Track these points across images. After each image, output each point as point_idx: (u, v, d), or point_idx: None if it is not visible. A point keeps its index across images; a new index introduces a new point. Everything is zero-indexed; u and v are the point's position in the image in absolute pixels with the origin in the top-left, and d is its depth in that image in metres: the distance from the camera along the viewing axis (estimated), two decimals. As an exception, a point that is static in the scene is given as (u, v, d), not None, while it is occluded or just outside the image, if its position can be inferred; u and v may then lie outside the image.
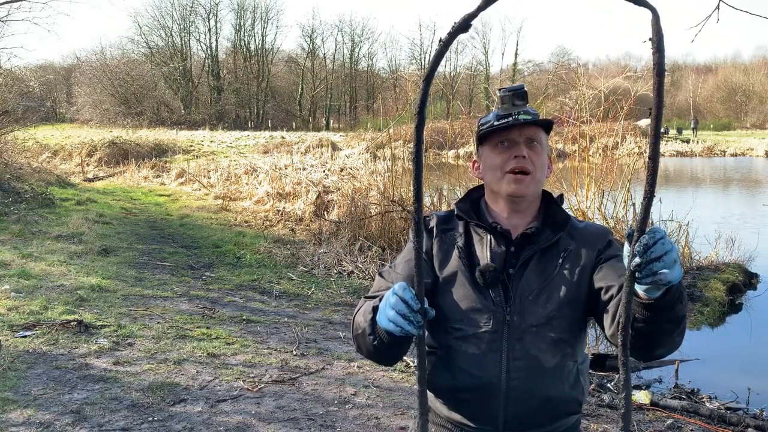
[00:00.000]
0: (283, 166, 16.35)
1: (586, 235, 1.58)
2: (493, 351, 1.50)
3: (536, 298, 1.52)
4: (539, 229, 1.58)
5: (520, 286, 1.53)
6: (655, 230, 1.15)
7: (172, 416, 3.69)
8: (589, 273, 1.52)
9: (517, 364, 1.50)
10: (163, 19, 50.73)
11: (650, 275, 1.13)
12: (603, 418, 4.09)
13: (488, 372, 1.50)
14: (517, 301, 1.52)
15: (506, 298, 1.52)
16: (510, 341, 1.50)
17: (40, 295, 6.00)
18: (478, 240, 1.60)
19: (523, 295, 1.52)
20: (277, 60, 57.22)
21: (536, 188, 1.59)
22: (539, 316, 1.51)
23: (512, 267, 1.54)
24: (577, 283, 1.52)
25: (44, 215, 10.66)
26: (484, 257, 1.56)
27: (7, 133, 14.94)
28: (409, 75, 46.25)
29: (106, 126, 34.44)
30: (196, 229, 10.72)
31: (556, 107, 12.77)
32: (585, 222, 1.66)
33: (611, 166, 8.60)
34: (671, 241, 1.18)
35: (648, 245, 1.12)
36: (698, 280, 7.53)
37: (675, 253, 1.15)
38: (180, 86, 49.19)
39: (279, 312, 6.13)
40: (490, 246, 1.57)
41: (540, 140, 1.58)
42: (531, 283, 1.53)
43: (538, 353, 1.50)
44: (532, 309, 1.51)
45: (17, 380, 4.08)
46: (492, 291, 1.52)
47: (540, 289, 1.52)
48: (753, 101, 58.11)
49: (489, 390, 1.51)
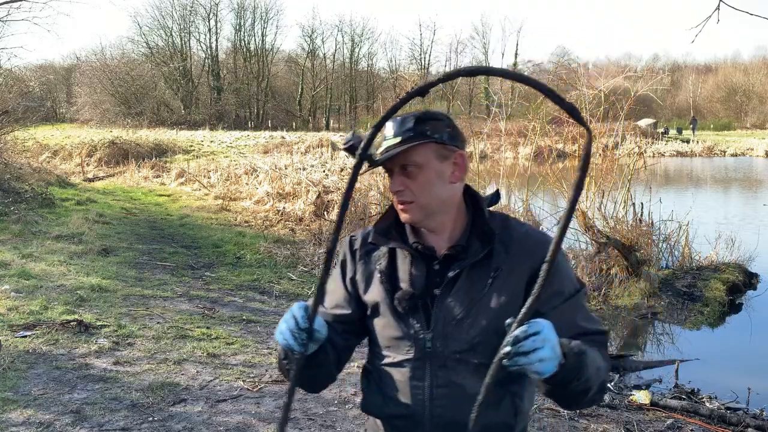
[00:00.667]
0: (283, 166, 16.36)
1: (522, 249, 1.44)
2: (416, 379, 1.45)
3: (460, 323, 1.42)
4: (465, 246, 1.45)
5: (443, 310, 1.43)
6: (532, 325, 1.16)
7: (172, 416, 3.69)
8: (521, 295, 1.39)
9: (440, 391, 1.44)
10: (163, 19, 50.69)
11: (516, 366, 1.16)
12: (603, 418, 4.09)
13: (412, 400, 1.46)
14: (439, 327, 1.43)
15: (428, 324, 1.43)
16: (432, 369, 1.44)
17: (40, 295, 5.99)
18: (402, 260, 1.49)
19: (447, 320, 1.42)
20: (277, 60, 57.17)
21: (425, 211, 1.43)
22: (462, 342, 1.42)
23: (437, 287, 1.44)
24: (505, 307, 1.39)
25: (44, 215, 10.65)
26: (405, 280, 1.47)
27: (7, 133, 14.93)
28: (409, 75, 46.25)
29: (106, 126, 34.37)
30: (196, 229, 10.72)
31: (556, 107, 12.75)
32: (526, 227, 1.51)
33: (611, 166, 8.60)
34: (550, 337, 1.18)
35: (519, 339, 1.15)
36: (698, 280, 7.54)
37: (547, 351, 1.16)
38: (180, 86, 49.14)
39: (279, 312, 6.13)
40: (410, 268, 1.47)
41: (415, 162, 1.41)
42: (455, 306, 1.42)
43: (461, 380, 1.42)
44: (455, 335, 1.42)
45: (17, 380, 4.08)
46: (412, 318, 1.45)
47: (465, 312, 1.42)
48: (753, 101, 58.07)
49: (413, 418, 1.46)
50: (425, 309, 1.45)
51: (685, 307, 6.97)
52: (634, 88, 9.44)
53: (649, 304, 6.98)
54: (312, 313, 1.32)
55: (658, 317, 6.80)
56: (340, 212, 1.22)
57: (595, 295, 7.19)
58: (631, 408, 4.34)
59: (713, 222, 10.96)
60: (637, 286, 7.21)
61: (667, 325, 6.67)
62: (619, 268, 7.46)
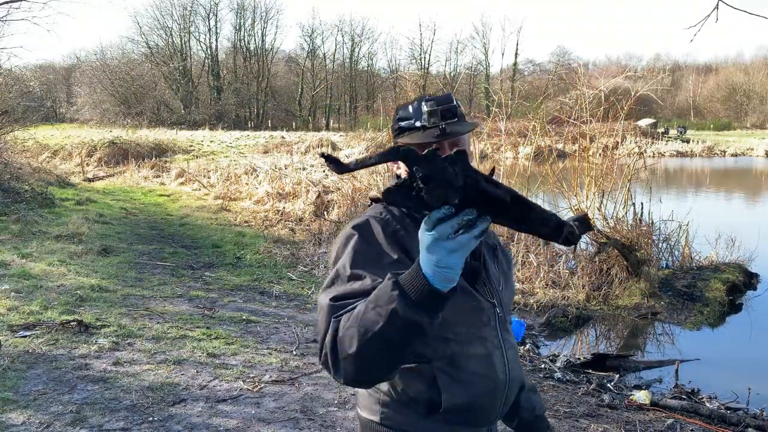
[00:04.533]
0: (283, 166, 16.35)
1: None
2: (496, 347, 1.50)
3: (504, 288, 1.58)
4: None
5: (492, 278, 1.54)
6: None
7: (172, 416, 3.69)
8: None
9: (509, 354, 1.53)
10: (163, 18, 50.74)
11: None
12: (603, 418, 4.09)
13: (496, 370, 1.48)
14: (496, 293, 1.53)
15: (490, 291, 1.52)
16: (502, 333, 1.52)
17: (40, 295, 5.99)
18: None
19: (496, 286, 1.54)
20: (277, 60, 57.20)
21: None
22: (507, 305, 1.58)
23: (476, 259, 1.52)
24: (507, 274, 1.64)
25: (44, 215, 10.65)
26: None
27: (7, 133, 14.94)
28: (409, 75, 46.21)
29: (106, 126, 34.35)
30: (196, 229, 10.71)
31: (556, 107, 12.76)
32: None
33: (611, 166, 8.60)
34: None
35: None
36: (698, 280, 7.53)
37: None
38: (180, 86, 49.14)
39: (279, 312, 6.13)
40: None
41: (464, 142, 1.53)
42: (495, 273, 1.56)
43: (512, 340, 1.57)
44: (504, 299, 1.56)
45: (17, 380, 4.08)
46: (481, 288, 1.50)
47: (503, 278, 1.59)
48: (753, 101, 58.10)
49: (498, 388, 1.48)
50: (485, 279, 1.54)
51: (685, 307, 6.97)
52: (635, 88, 9.44)
53: (649, 304, 6.98)
54: None
55: (658, 317, 6.80)
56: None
57: (596, 295, 7.19)
58: (631, 408, 4.34)
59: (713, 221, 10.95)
60: (637, 286, 7.21)
61: (667, 325, 6.67)
62: (619, 268, 7.45)
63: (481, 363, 1.46)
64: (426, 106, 1.48)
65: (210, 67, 52.38)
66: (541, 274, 7.45)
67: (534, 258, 7.64)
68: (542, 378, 4.92)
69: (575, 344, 6.29)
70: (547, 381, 4.84)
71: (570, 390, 4.66)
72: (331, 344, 1.22)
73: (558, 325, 6.46)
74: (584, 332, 6.58)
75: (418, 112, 1.50)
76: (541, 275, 7.43)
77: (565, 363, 5.31)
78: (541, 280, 7.39)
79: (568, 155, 10.50)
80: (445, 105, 1.49)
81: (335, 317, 1.24)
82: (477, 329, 1.47)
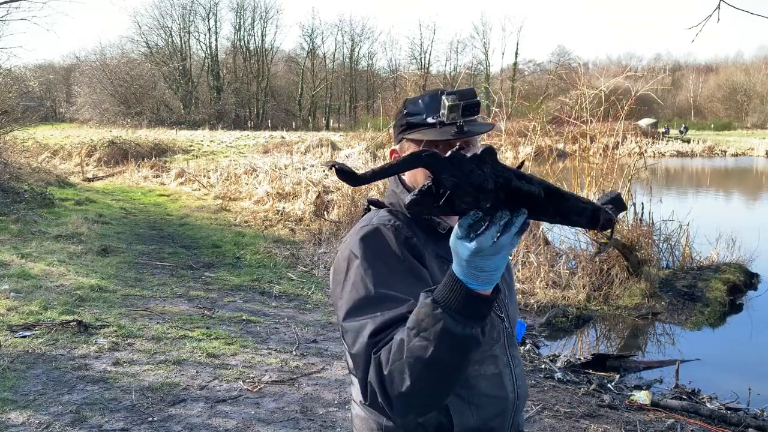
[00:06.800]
0: (283, 166, 16.33)
1: None
2: (506, 365, 1.40)
3: (509, 301, 1.47)
4: None
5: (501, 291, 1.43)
6: None
7: (172, 416, 3.68)
8: None
9: (517, 371, 1.44)
10: (163, 18, 50.72)
11: None
12: (603, 418, 4.08)
13: (507, 389, 1.39)
14: (504, 306, 1.43)
15: (498, 305, 1.40)
16: (509, 349, 1.43)
17: (40, 295, 5.99)
18: None
19: (503, 298, 1.42)
20: (277, 60, 57.19)
21: None
22: (513, 319, 1.47)
23: None
24: None
25: (43, 215, 10.64)
26: None
27: (7, 132, 14.93)
28: (409, 75, 46.22)
29: (106, 126, 34.36)
30: (196, 229, 10.71)
31: (557, 107, 12.76)
32: None
33: (611, 166, 8.59)
34: None
35: None
36: (699, 280, 7.53)
37: None
38: (180, 86, 49.14)
39: (279, 312, 6.12)
40: None
41: (476, 143, 1.43)
42: (502, 284, 1.39)
43: (519, 355, 1.47)
44: (510, 312, 1.46)
45: (17, 380, 4.07)
46: None
47: (507, 290, 1.45)
48: (754, 101, 58.08)
49: (507, 409, 1.40)
50: None
51: (685, 307, 6.97)
52: (635, 88, 9.43)
53: (650, 305, 6.97)
54: None
55: (659, 317, 6.79)
56: None
57: (596, 295, 7.18)
58: (631, 408, 4.34)
59: (713, 221, 10.94)
60: (638, 286, 7.20)
61: (667, 326, 6.66)
62: (620, 268, 7.45)
63: (492, 383, 1.37)
64: (448, 100, 1.36)
65: (210, 66, 52.38)
66: (541, 274, 7.45)
67: (534, 258, 7.63)
68: (542, 378, 4.91)
69: (575, 344, 6.28)
70: (548, 381, 4.83)
71: (570, 390, 4.65)
72: (378, 384, 1.13)
73: (558, 325, 6.46)
74: (584, 332, 6.58)
75: (430, 107, 1.39)
76: (541, 275, 7.43)
77: (566, 363, 5.30)
78: (541, 280, 7.39)
79: (569, 155, 10.49)
80: (468, 100, 1.37)
81: (375, 353, 1.15)
82: (489, 347, 1.37)
